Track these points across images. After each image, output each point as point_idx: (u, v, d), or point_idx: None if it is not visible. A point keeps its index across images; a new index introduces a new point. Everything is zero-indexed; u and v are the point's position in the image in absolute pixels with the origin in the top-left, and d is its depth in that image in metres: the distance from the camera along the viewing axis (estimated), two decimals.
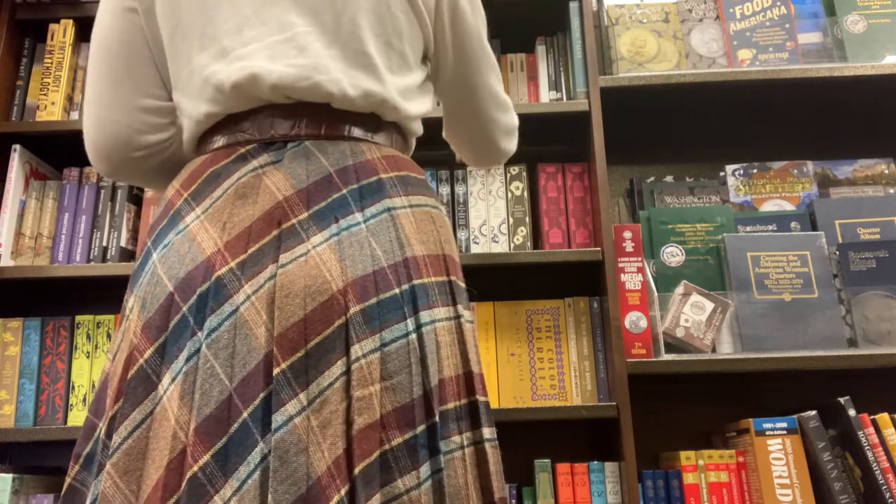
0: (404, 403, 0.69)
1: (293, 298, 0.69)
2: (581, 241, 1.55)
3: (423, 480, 0.68)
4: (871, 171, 1.65)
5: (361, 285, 0.71)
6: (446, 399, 0.73)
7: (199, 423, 0.66)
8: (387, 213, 0.77)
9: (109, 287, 1.62)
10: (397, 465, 0.67)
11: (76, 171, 1.60)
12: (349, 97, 0.80)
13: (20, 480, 1.39)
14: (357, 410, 0.67)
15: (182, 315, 0.71)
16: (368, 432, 0.67)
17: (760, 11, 1.66)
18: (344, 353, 0.69)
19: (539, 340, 1.50)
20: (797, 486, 1.33)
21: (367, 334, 0.69)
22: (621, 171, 1.76)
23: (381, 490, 0.66)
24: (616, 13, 1.68)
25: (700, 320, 1.46)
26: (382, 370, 0.69)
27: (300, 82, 0.78)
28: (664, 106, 1.73)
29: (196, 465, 0.64)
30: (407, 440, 0.68)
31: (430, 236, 0.80)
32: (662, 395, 1.61)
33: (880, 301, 1.45)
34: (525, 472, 1.45)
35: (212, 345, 0.68)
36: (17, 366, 1.49)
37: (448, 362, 0.75)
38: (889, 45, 1.61)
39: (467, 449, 0.74)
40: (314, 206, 0.74)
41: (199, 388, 0.67)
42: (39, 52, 1.66)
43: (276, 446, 0.64)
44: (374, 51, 0.83)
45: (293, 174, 0.76)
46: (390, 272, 0.73)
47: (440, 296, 0.77)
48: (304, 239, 0.72)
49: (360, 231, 0.74)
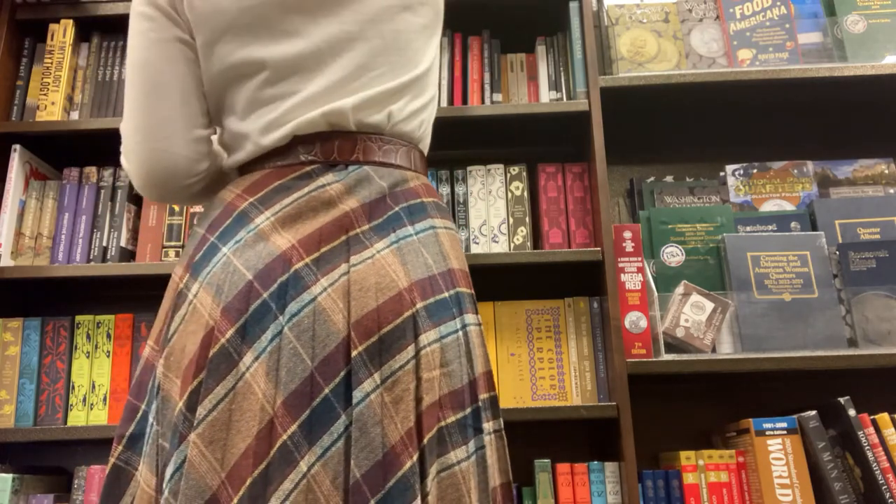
0: (456, 388, 0.81)
1: (366, 292, 0.79)
2: (581, 241, 1.55)
3: (471, 454, 0.80)
4: (871, 171, 1.65)
5: (422, 286, 0.83)
6: (480, 391, 0.85)
7: (287, 397, 0.75)
8: (432, 230, 0.89)
9: (109, 287, 1.62)
10: (450, 439, 0.78)
11: (76, 171, 1.60)
12: (399, 129, 0.93)
13: (20, 480, 1.39)
14: (425, 389, 0.78)
15: (263, 300, 0.79)
16: (432, 409, 0.78)
17: (760, 11, 1.66)
18: (413, 341, 0.79)
19: (539, 340, 1.50)
20: (797, 486, 1.33)
21: (430, 327, 0.81)
22: (621, 171, 1.76)
23: (438, 460, 0.77)
24: (616, 13, 1.68)
25: (700, 320, 1.46)
26: (441, 358, 0.81)
27: (366, 110, 0.90)
28: (664, 106, 1.73)
29: (285, 434, 0.73)
30: (459, 419, 0.80)
31: (460, 254, 0.93)
32: (662, 395, 1.61)
33: (880, 301, 1.45)
34: (525, 472, 1.45)
35: (293, 328, 0.77)
36: (17, 366, 1.49)
37: (481, 360, 0.87)
38: (889, 45, 1.61)
39: (493, 435, 0.85)
40: (374, 221, 0.86)
41: (284, 366, 0.76)
42: (39, 52, 1.66)
43: (356, 418, 0.74)
44: (418, 72, 0.96)
45: (356, 192, 0.87)
46: (440, 279, 0.86)
47: (469, 304, 0.89)
48: (368, 245, 0.83)
49: (413, 242, 0.86)
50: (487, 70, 1.63)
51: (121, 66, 1.66)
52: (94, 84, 1.64)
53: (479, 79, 1.63)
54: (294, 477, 0.72)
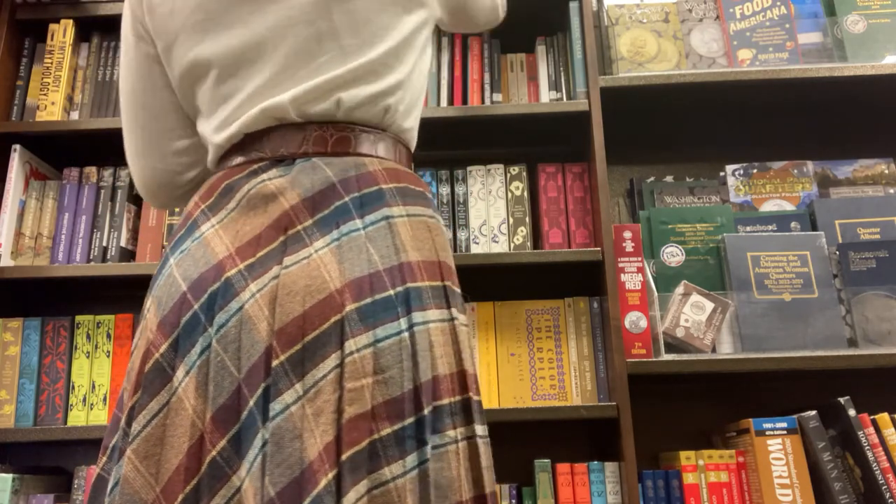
0: (394, 396, 0.73)
1: (294, 296, 0.74)
2: (581, 241, 1.55)
3: (409, 469, 0.72)
4: (871, 171, 1.65)
5: (357, 286, 0.76)
6: (441, 395, 0.77)
7: (215, 412, 0.73)
8: (385, 220, 0.81)
9: (109, 287, 1.62)
10: (385, 453, 0.71)
11: (76, 171, 1.60)
12: (356, 115, 0.86)
13: (20, 480, 1.39)
14: (348, 401, 0.71)
15: (193, 312, 0.77)
16: (358, 422, 0.71)
17: (760, 11, 1.66)
18: (338, 347, 0.73)
19: (539, 340, 1.50)
20: (797, 486, 1.33)
21: (361, 330, 0.74)
22: (621, 171, 1.76)
23: (368, 476, 0.70)
24: (616, 13, 1.68)
25: (700, 320, 1.46)
26: (375, 364, 0.73)
27: (309, 101, 0.84)
28: (664, 106, 1.73)
29: (214, 450, 0.72)
30: (395, 431, 0.72)
31: (426, 244, 0.84)
32: (662, 395, 1.61)
33: (880, 301, 1.45)
34: (525, 472, 1.45)
35: (221, 339, 0.75)
36: (17, 366, 1.49)
37: (443, 360, 0.78)
38: (889, 45, 1.61)
39: (461, 443, 0.77)
40: (318, 214, 0.80)
41: (213, 380, 0.74)
42: (39, 52, 1.66)
43: (272, 433, 0.70)
44: (375, 54, 0.88)
45: (300, 185, 0.82)
46: (385, 275, 0.78)
47: (434, 299, 0.81)
48: (307, 244, 0.78)
49: (359, 237, 0.79)
50: (487, 70, 1.63)
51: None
52: (94, 84, 1.64)
53: (479, 79, 1.63)
54: (225, 493, 0.71)
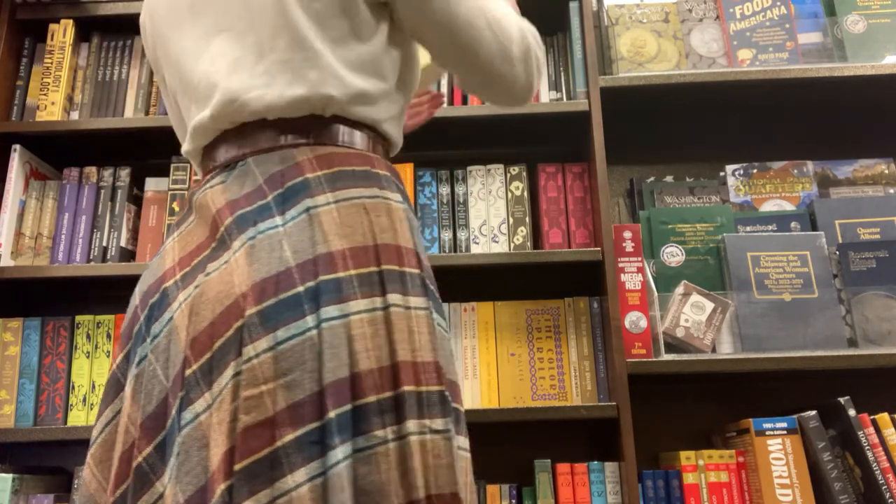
0: (297, 400, 0.69)
1: (206, 304, 0.74)
2: (581, 241, 1.55)
3: (313, 476, 0.67)
4: (871, 171, 1.65)
5: (261, 287, 0.72)
6: (365, 392, 0.71)
7: (144, 420, 0.74)
8: (305, 213, 0.77)
9: (109, 287, 1.62)
10: (288, 461, 0.67)
11: (76, 171, 1.60)
12: (278, 106, 0.82)
13: (20, 480, 1.39)
14: (244, 409, 0.68)
15: (139, 324, 0.80)
16: (256, 430, 0.68)
17: (760, 11, 1.66)
18: (238, 355, 0.70)
19: (539, 340, 1.50)
20: (797, 486, 1.33)
21: (261, 335, 0.70)
22: (621, 171, 1.76)
23: (272, 486, 0.66)
24: (616, 13, 1.68)
25: (700, 320, 1.46)
26: (276, 369, 0.69)
27: (231, 106, 0.83)
28: (664, 106, 1.73)
29: (141, 456, 0.73)
30: (298, 437, 0.68)
31: (358, 228, 0.78)
32: (662, 395, 1.61)
33: (880, 301, 1.45)
34: (525, 472, 1.45)
35: (154, 349, 0.77)
36: (17, 366, 1.49)
37: (369, 354, 0.72)
38: (889, 45, 1.61)
39: (392, 444, 0.71)
40: (238, 212, 0.78)
41: (144, 388, 0.75)
42: (39, 52, 1.66)
43: (182, 441, 0.70)
44: (307, 39, 0.83)
45: (230, 190, 0.81)
46: (296, 271, 0.73)
47: (362, 287, 0.75)
48: (228, 246, 0.77)
49: (275, 234, 0.76)
50: None
51: (121, 67, 1.66)
52: (94, 84, 1.64)
53: None
54: (148, 498, 0.72)
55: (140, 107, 1.62)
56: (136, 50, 1.67)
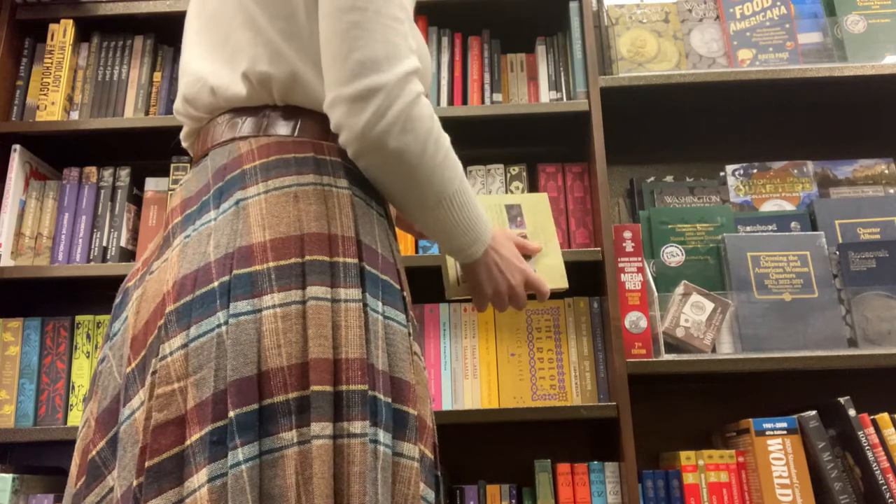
0: (204, 399, 0.67)
1: (145, 302, 0.76)
2: (581, 241, 1.55)
3: (213, 478, 0.65)
4: (871, 171, 1.65)
5: (181, 284, 0.72)
6: (272, 392, 0.67)
7: (99, 414, 0.75)
8: (235, 205, 0.75)
9: (109, 287, 1.61)
10: (194, 460, 0.66)
11: (76, 171, 1.60)
12: (231, 96, 0.83)
13: (20, 480, 1.39)
14: (157, 407, 0.68)
15: (112, 323, 0.82)
16: (167, 427, 0.67)
17: (760, 11, 1.66)
18: (156, 353, 0.70)
19: (539, 340, 1.50)
20: (797, 486, 1.33)
21: (176, 332, 0.70)
22: (621, 171, 1.76)
23: (181, 485, 0.66)
24: (616, 13, 1.68)
25: (700, 320, 1.46)
26: (188, 366, 0.68)
27: (194, 99, 0.86)
28: (664, 106, 1.73)
29: (94, 450, 0.74)
30: (202, 436, 0.66)
31: (284, 218, 0.74)
32: (662, 395, 1.61)
33: (880, 301, 1.45)
34: (525, 472, 1.45)
35: (112, 346, 0.78)
36: (17, 366, 1.49)
37: (280, 351, 0.68)
38: (889, 45, 1.61)
39: (297, 447, 0.67)
40: (186, 211, 0.79)
41: (101, 385, 0.77)
42: (39, 52, 1.66)
43: (120, 437, 0.71)
44: (257, 27, 0.82)
45: (187, 187, 0.82)
46: (215, 266, 0.72)
47: (279, 280, 0.71)
48: (171, 244, 0.78)
49: (206, 229, 0.75)
50: (487, 70, 1.64)
51: (121, 67, 1.66)
52: (94, 84, 1.64)
53: (479, 79, 1.63)
54: (99, 491, 0.72)
55: (140, 107, 1.62)
56: (136, 50, 1.67)
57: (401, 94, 0.74)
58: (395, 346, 0.75)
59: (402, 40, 0.76)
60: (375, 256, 0.78)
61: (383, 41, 0.74)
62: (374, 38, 0.74)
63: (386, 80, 0.73)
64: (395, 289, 0.79)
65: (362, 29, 0.74)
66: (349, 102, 0.74)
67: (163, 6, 1.62)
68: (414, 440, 0.73)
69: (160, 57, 1.68)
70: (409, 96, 0.75)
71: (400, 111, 0.74)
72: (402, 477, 0.71)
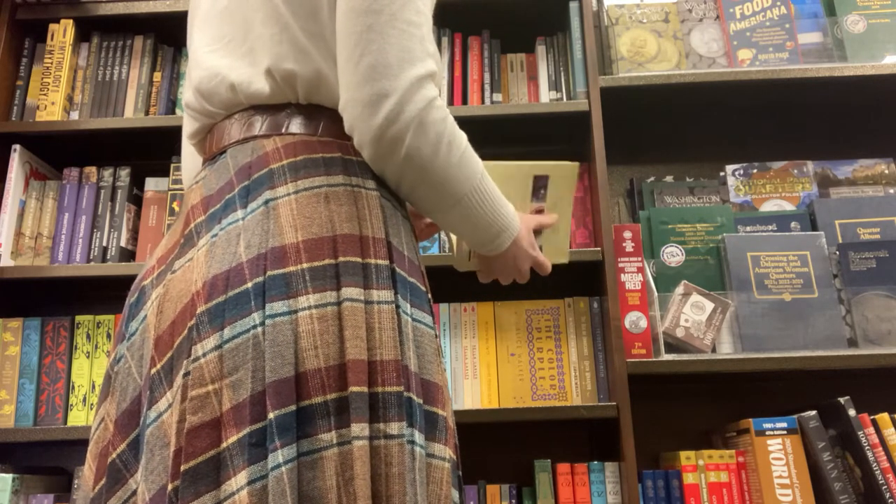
0: (241, 401, 0.66)
1: (170, 302, 0.73)
2: (581, 241, 1.55)
3: (252, 480, 0.64)
4: (871, 171, 1.65)
5: (212, 284, 0.70)
6: (310, 393, 0.67)
7: (118, 417, 0.74)
8: (264, 205, 0.74)
9: (109, 287, 1.62)
10: (232, 463, 0.65)
11: (76, 171, 1.60)
12: (252, 93, 0.81)
13: (20, 480, 1.39)
14: (191, 409, 0.67)
15: (125, 323, 0.80)
16: (202, 430, 0.66)
17: (760, 11, 1.66)
18: (188, 354, 0.69)
19: (539, 340, 1.50)
20: (797, 486, 1.33)
21: (208, 333, 0.69)
22: (621, 171, 1.76)
23: (218, 488, 0.65)
24: (616, 13, 1.68)
25: (700, 320, 1.46)
26: (223, 368, 0.68)
27: (212, 96, 0.84)
28: (664, 106, 1.73)
29: (115, 453, 0.72)
30: (240, 438, 0.66)
31: (316, 219, 0.73)
32: (662, 395, 1.61)
33: (880, 301, 1.45)
34: (525, 472, 1.45)
35: (130, 347, 0.77)
36: (17, 366, 1.49)
37: (317, 352, 0.68)
38: (889, 45, 1.61)
39: (337, 448, 0.67)
40: (210, 209, 0.77)
41: (119, 386, 0.76)
42: (39, 52, 1.66)
43: (147, 440, 0.69)
44: (282, 23, 0.81)
45: (206, 185, 0.80)
46: (247, 266, 0.71)
47: (314, 281, 0.70)
48: (195, 243, 0.76)
49: (234, 228, 0.74)
50: (487, 70, 1.63)
51: (120, 67, 1.66)
52: (94, 84, 1.64)
53: (479, 79, 1.63)
54: (122, 494, 0.71)
55: (140, 107, 1.62)
56: (136, 50, 1.67)
57: (411, 100, 0.74)
58: (424, 349, 0.75)
59: (418, 44, 0.76)
60: (403, 258, 0.78)
61: (397, 46, 0.74)
62: (387, 42, 0.74)
63: (396, 86, 0.73)
64: (421, 291, 0.79)
65: (376, 33, 0.74)
66: (361, 106, 0.74)
67: (163, 6, 1.62)
68: (444, 441, 0.74)
69: (160, 57, 1.68)
70: (421, 102, 0.74)
71: (411, 117, 0.74)
72: (434, 478, 0.72)
